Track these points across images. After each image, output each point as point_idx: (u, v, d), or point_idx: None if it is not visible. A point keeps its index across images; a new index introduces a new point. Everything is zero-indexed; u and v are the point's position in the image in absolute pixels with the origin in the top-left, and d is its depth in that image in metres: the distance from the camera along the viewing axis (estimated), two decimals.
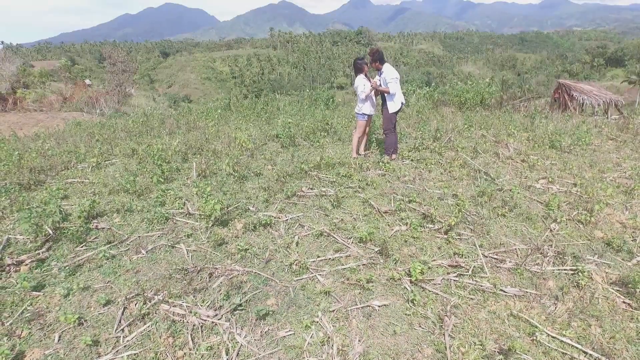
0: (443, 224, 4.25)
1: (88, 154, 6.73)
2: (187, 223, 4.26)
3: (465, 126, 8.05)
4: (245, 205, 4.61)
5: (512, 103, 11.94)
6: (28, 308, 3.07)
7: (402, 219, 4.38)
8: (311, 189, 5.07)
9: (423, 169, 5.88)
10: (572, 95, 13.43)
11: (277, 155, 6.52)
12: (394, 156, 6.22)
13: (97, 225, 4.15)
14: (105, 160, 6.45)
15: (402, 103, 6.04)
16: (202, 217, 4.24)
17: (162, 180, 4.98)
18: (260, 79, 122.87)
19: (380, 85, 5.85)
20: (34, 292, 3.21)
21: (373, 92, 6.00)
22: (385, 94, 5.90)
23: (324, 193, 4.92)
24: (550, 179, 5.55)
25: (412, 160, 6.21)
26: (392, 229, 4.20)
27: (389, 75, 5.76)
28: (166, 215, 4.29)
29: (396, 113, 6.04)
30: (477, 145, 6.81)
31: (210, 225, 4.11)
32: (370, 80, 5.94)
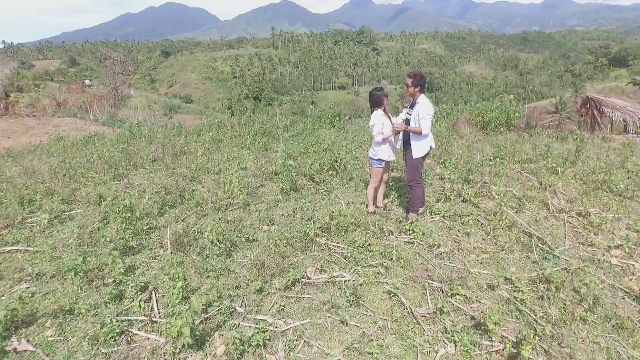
0: (505, 344, 3.02)
1: (45, 200, 5.53)
2: (148, 340, 3.04)
3: (497, 159, 6.80)
4: (231, 304, 3.39)
5: (541, 123, 10.68)
6: None
7: (446, 330, 3.16)
8: (320, 271, 3.84)
9: (459, 231, 4.65)
10: (603, 111, 12.17)
11: (276, 206, 5.29)
12: (420, 210, 4.97)
13: (16, 347, 2.93)
14: (63, 212, 5.24)
15: (430, 147, 4.76)
16: (170, 332, 3.02)
17: (120, 262, 3.72)
18: (262, 78, 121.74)
19: (408, 124, 4.58)
20: None
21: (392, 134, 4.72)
22: (412, 134, 4.62)
23: (336, 279, 3.70)
24: (627, 250, 4.31)
25: (443, 215, 4.97)
26: (436, 352, 2.97)
27: (424, 110, 4.40)
28: (120, 327, 3.07)
29: (423, 158, 4.77)
30: (520, 192, 5.57)
31: (178, 351, 2.89)
32: (391, 119, 4.68)
